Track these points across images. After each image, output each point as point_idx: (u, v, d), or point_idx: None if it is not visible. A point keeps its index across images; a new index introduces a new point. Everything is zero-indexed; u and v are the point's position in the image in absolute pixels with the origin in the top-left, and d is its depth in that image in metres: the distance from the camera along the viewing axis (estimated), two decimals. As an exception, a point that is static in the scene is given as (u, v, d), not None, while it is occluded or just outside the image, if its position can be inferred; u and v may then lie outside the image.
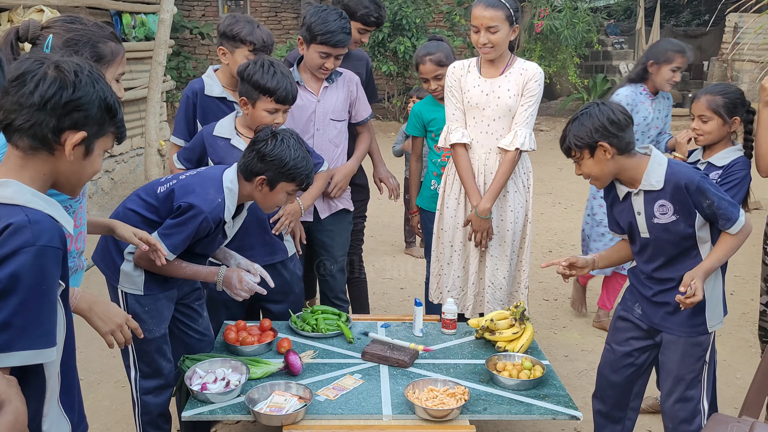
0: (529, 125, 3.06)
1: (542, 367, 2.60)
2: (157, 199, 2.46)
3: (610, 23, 13.88)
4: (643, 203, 2.39)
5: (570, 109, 12.82)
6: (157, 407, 2.55)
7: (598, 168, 2.36)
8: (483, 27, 2.95)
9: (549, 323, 4.34)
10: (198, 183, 2.44)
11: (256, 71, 2.69)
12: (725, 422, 2.09)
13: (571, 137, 2.35)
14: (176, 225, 2.36)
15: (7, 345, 1.28)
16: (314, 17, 3.06)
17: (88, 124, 1.45)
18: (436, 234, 3.34)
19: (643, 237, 2.44)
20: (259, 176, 2.43)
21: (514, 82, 3.05)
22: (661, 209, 2.35)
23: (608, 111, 2.32)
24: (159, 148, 6.66)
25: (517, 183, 3.16)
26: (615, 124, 2.31)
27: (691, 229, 2.35)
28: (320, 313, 3.02)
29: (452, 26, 11.85)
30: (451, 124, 3.15)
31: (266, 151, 2.40)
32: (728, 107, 2.75)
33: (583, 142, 2.33)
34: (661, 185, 2.33)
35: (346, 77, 3.31)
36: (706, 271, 2.32)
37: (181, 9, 12.20)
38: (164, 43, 6.45)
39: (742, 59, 10.43)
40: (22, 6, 5.20)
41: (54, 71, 1.40)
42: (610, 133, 2.31)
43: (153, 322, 2.46)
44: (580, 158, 2.38)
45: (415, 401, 2.32)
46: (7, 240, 1.31)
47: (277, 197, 2.49)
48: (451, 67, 3.18)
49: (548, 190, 7.97)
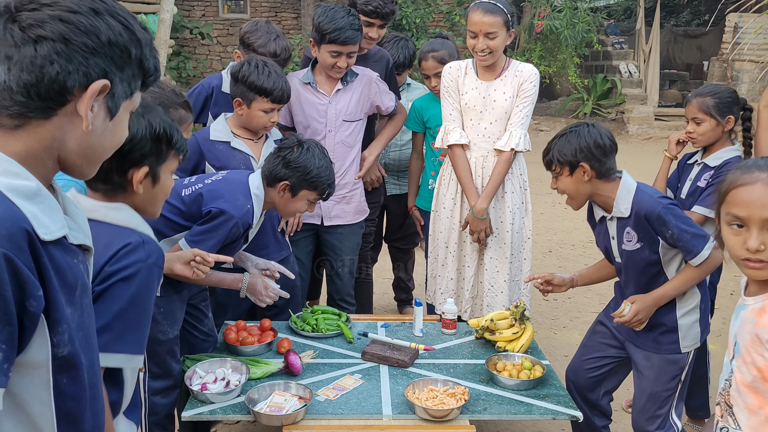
0: (524, 126, 3.06)
1: (542, 367, 2.60)
2: (183, 202, 2.47)
3: (610, 23, 13.86)
4: (615, 229, 2.42)
5: (570, 108, 12.82)
6: (164, 408, 2.55)
7: (574, 187, 2.40)
8: (481, 33, 2.94)
9: (549, 323, 4.34)
10: (226, 188, 2.47)
11: (251, 72, 2.73)
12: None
13: (555, 151, 2.40)
14: (207, 231, 2.39)
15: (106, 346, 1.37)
16: (322, 17, 3.07)
17: (147, 158, 1.56)
18: (433, 235, 3.34)
19: (616, 262, 2.48)
20: (282, 182, 2.50)
21: (510, 84, 3.04)
22: (627, 236, 2.39)
23: (596, 134, 2.37)
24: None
25: (514, 184, 3.16)
26: (600, 148, 2.35)
27: (655, 255, 2.38)
28: (320, 313, 3.02)
29: (452, 26, 11.82)
30: (448, 124, 3.13)
31: (292, 158, 2.49)
32: (719, 107, 2.76)
33: (565, 159, 2.37)
34: (628, 213, 2.36)
35: (362, 78, 3.28)
36: (654, 298, 2.37)
37: (181, 9, 12.18)
38: (164, 43, 6.45)
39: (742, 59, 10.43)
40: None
41: None
42: (593, 156, 2.35)
43: (167, 323, 2.46)
44: (559, 174, 2.42)
45: (415, 401, 2.32)
46: (126, 256, 1.45)
47: (297, 204, 2.56)
48: (447, 67, 3.15)
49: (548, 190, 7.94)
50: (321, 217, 3.31)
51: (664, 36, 13.75)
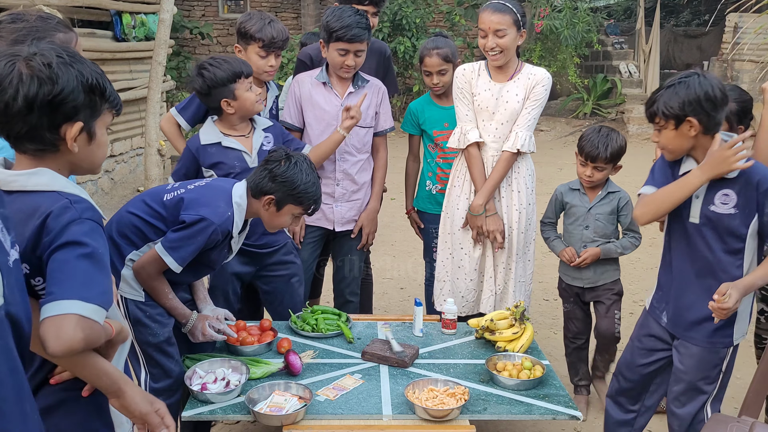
0: (530, 128, 3.09)
1: (542, 367, 2.60)
2: (164, 207, 2.43)
3: (610, 23, 13.86)
4: (705, 187, 2.26)
5: (570, 108, 12.81)
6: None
7: (677, 142, 2.25)
8: (491, 31, 2.95)
9: (549, 323, 4.34)
10: (208, 195, 2.43)
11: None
12: (725, 422, 2.09)
13: (660, 104, 2.22)
14: (186, 237, 2.35)
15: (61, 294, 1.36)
16: (330, 16, 3.11)
17: (81, 112, 1.44)
18: (442, 237, 3.33)
19: (691, 222, 2.31)
20: (267, 195, 2.45)
21: (522, 86, 3.06)
22: (724, 198, 2.24)
23: (708, 85, 2.17)
24: (159, 148, 6.65)
25: (519, 183, 3.17)
26: (711, 101, 2.17)
27: (744, 228, 2.24)
28: (320, 313, 3.02)
29: (452, 26, 11.82)
30: (464, 125, 3.14)
31: (278, 172, 2.44)
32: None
33: (672, 112, 2.19)
34: (734, 175, 2.21)
35: (373, 86, 3.30)
36: (746, 285, 2.20)
37: (181, 9, 12.18)
38: (164, 43, 6.45)
39: (742, 59, 10.42)
40: (21, 6, 5.19)
41: (27, 69, 1.38)
42: (703, 109, 2.17)
43: (156, 326, 2.46)
44: (663, 127, 2.25)
45: (415, 401, 2.32)
46: (55, 223, 1.38)
47: (282, 218, 2.51)
48: (461, 68, 3.16)
49: (548, 190, 7.93)
50: (333, 223, 3.33)
51: (664, 36, 13.74)
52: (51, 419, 1.51)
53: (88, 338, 1.36)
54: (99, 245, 1.44)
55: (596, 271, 3.19)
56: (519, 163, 3.15)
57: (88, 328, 1.35)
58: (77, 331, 1.33)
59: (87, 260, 1.40)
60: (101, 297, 1.40)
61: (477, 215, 3.11)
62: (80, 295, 1.36)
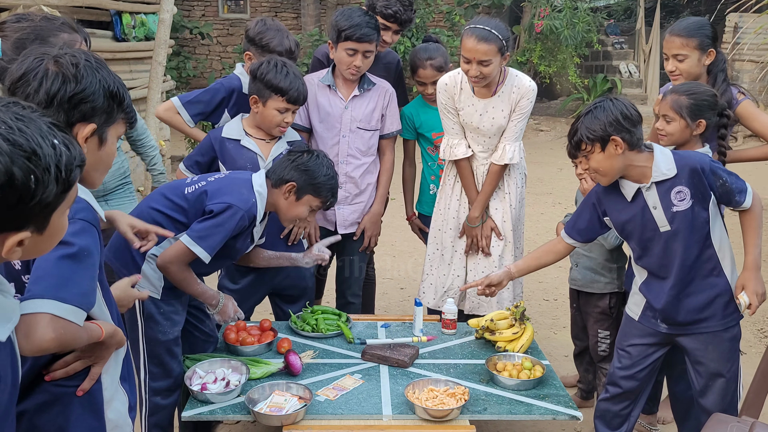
0: (517, 139, 3.12)
1: (542, 367, 2.60)
2: (186, 200, 2.47)
3: (610, 23, 13.85)
4: (658, 196, 2.35)
5: (570, 108, 12.81)
6: (165, 409, 2.55)
7: (608, 163, 2.33)
8: (475, 60, 2.88)
9: (549, 323, 4.34)
10: (231, 185, 2.49)
11: (270, 70, 2.76)
12: (725, 422, 2.09)
13: (583, 129, 2.32)
14: (214, 226, 2.39)
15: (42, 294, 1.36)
16: (339, 16, 3.11)
17: (97, 115, 1.48)
18: (432, 232, 3.34)
19: (663, 231, 2.37)
20: (289, 183, 2.51)
21: (507, 101, 3.05)
22: (679, 195, 2.33)
23: (621, 106, 2.32)
24: (159, 148, 6.65)
25: (510, 185, 3.22)
26: (628, 119, 2.30)
27: (705, 212, 2.35)
28: (320, 313, 3.02)
29: (452, 26, 11.82)
30: (451, 138, 3.15)
31: (301, 162, 2.53)
32: (693, 109, 2.58)
33: (595, 135, 2.30)
34: (674, 172, 2.32)
35: (379, 88, 3.28)
36: (754, 266, 2.33)
37: (181, 9, 12.18)
38: (164, 43, 6.44)
39: (742, 59, 10.41)
40: (21, 6, 5.19)
41: (54, 66, 1.42)
42: (623, 127, 2.29)
43: (168, 324, 2.48)
44: (590, 152, 2.34)
45: (415, 401, 2.32)
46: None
47: (300, 209, 2.56)
48: (442, 82, 3.11)
49: (548, 190, 7.96)
50: (335, 224, 3.33)
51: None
52: (46, 416, 1.52)
53: (60, 338, 1.36)
54: (87, 245, 1.44)
55: (585, 277, 3.02)
56: (509, 167, 3.19)
57: (61, 328, 1.35)
58: (47, 330, 1.34)
59: (69, 260, 1.40)
60: (79, 298, 1.40)
61: (474, 226, 3.16)
62: (56, 295, 1.36)
